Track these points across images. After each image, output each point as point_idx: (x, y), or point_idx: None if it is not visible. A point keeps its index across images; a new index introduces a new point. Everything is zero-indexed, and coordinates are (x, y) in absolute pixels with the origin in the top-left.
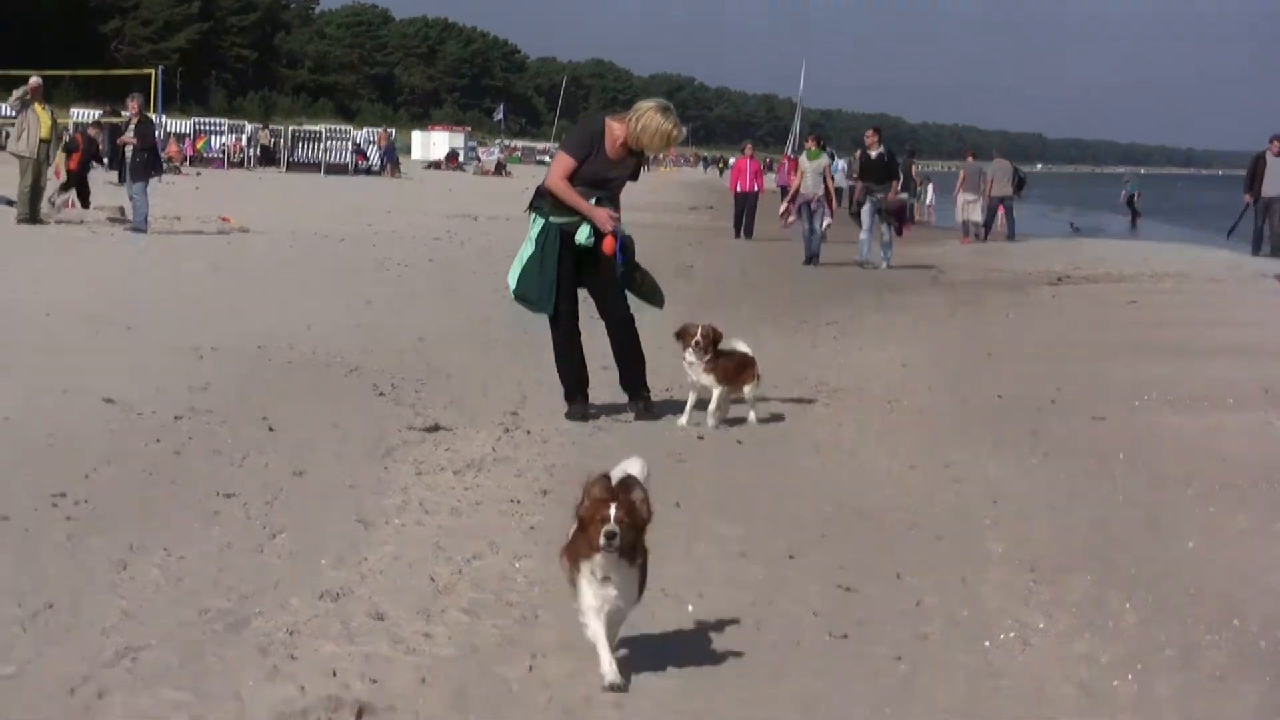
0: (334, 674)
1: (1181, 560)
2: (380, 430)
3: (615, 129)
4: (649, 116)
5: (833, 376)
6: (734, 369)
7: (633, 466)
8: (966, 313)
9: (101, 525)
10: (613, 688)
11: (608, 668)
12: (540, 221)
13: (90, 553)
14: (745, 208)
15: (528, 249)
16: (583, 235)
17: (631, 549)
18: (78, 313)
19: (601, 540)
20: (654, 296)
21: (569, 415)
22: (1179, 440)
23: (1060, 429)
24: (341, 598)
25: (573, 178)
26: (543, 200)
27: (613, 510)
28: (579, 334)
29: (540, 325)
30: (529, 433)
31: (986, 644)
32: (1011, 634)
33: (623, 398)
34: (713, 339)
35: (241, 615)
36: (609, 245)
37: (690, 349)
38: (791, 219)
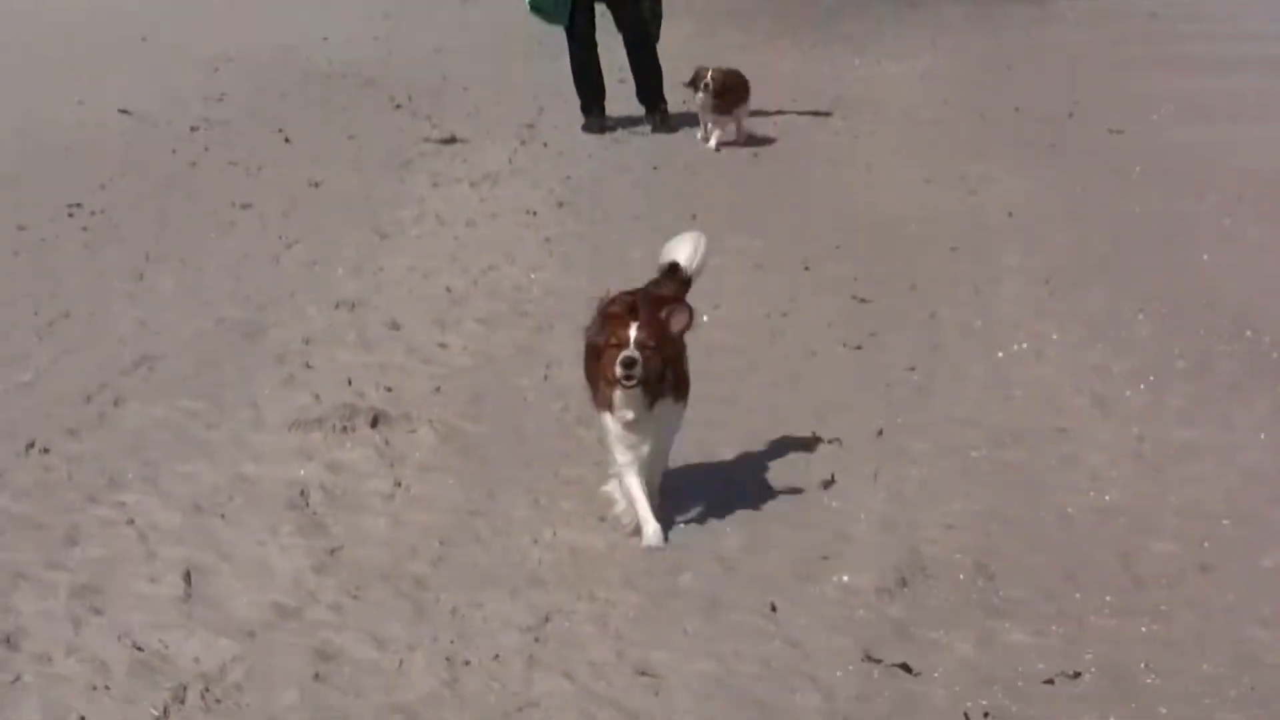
0: (349, 382)
1: (1196, 272)
2: (397, 142)
3: None
4: None
5: (849, 91)
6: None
7: (682, 248)
8: (985, 25)
9: (117, 235)
10: (650, 549)
11: (647, 528)
12: None
13: (106, 263)
14: None
15: None
16: None
17: (661, 380)
18: (93, 24)
19: (618, 370)
20: (652, 25)
21: (585, 128)
22: (1196, 153)
23: (1078, 141)
24: (358, 307)
25: None
26: None
27: (632, 331)
28: (596, 46)
29: (558, 38)
30: (545, 145)
31: (1000, 355)
32: (1025, 345)
33: (640, 110)
34: (724, 84)
35: (258, 324)
36: None
37: (701, 92)
38: None
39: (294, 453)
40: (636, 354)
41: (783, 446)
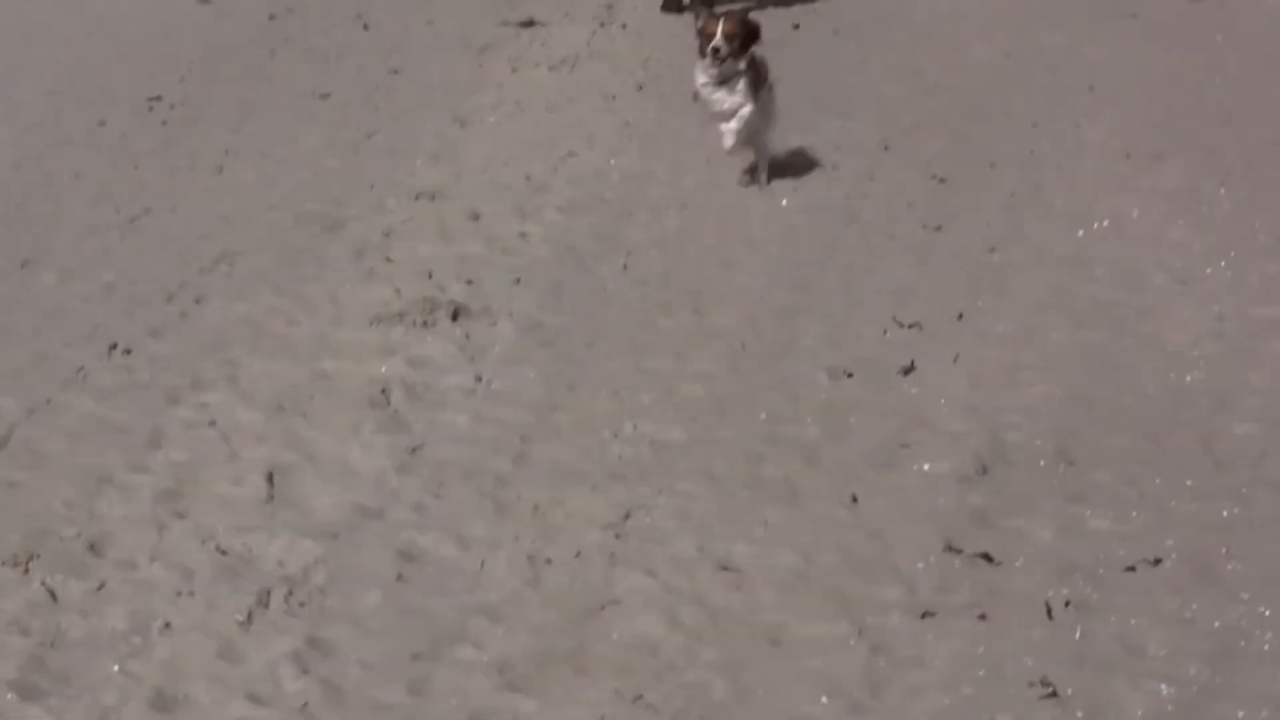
0: (430, 275)
1: (1277, 146)
2: (475, 26)
3: None
4: None
5: None
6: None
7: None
8: None
9: (197, 129)
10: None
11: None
12: None
13: (186, 156)
14: None
15: None
16: None
17: (740, 55)
18: None
19: (709, 55)
20: None
21: (664, 7)
22: (1278, 24)
23: (1159, 10)
24: (438, 198)
25: None
26: None
27: (720, 26)
28: None
29: None
30: (624, 26)
31: (1080, 233)
32: (1106, 222)
33: None
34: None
35: (337, 218)
36: None
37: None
38: None
39: (375, 348)
40: (723, 41)
41: (862, 332)
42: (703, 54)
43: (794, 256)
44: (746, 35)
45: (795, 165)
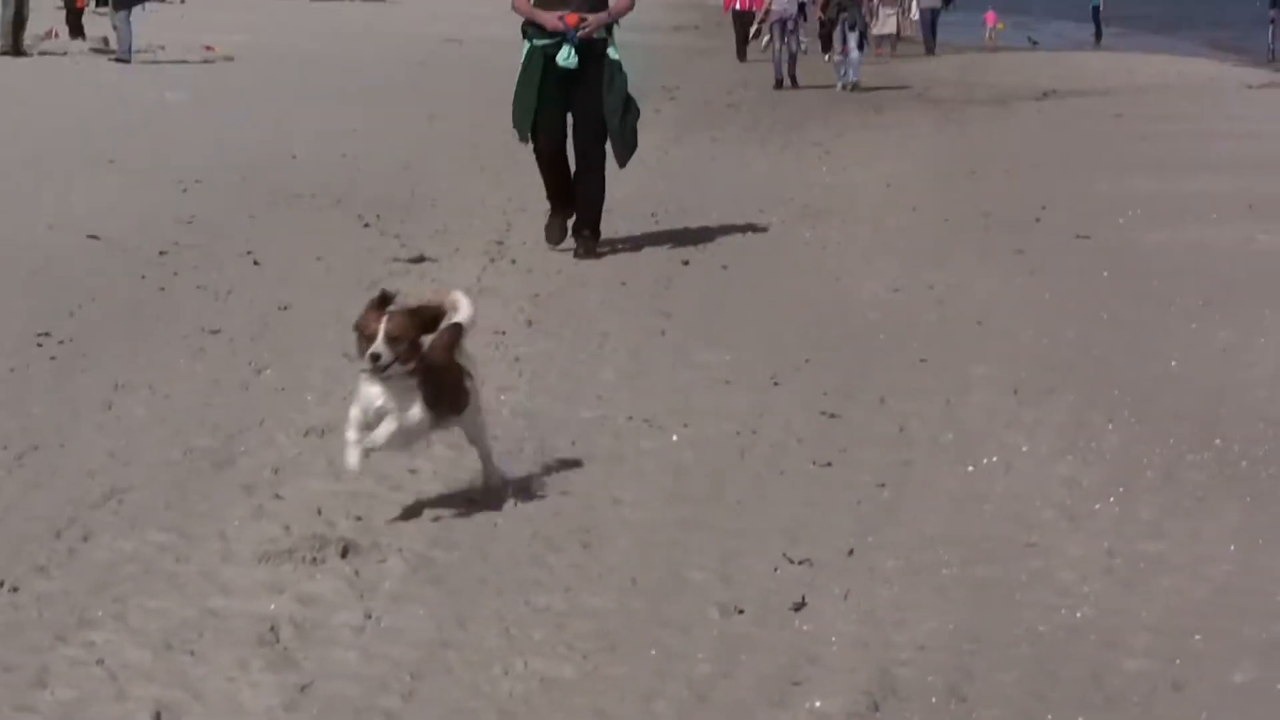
0: (319, 512)
1: (1164, 379)
2: (366, 262)
3: None
4: None
5: (818, 197)
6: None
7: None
8: (952, 130)
9: (87, 364)
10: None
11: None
12: (525, 46)
13: (76, 392)
14: (747, 29)
15: (519, 73)
16: (563, 57)
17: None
18: (60, 147)
19: (366, 360)
20: (621, 150)
21: (548, 231)
22: (1163, 256)
23: (1045, 247)
24: (327, 434)
25: None
26: (530, 26)
27: (384, 324)
28: (565, 156)
29: (524, 152)
30: (514, 262)
31: (970, 468)
32: (995, 458)
33: (614, 224)
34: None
35: (227, 454)
36: (571, 19)
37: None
38: (766, 39)
39: (264, 586)
40: (383, 348)
41: (753, 567)
42: (361, 355)
43: (683, 492)
44: (416, 340)
45: (685, 400)
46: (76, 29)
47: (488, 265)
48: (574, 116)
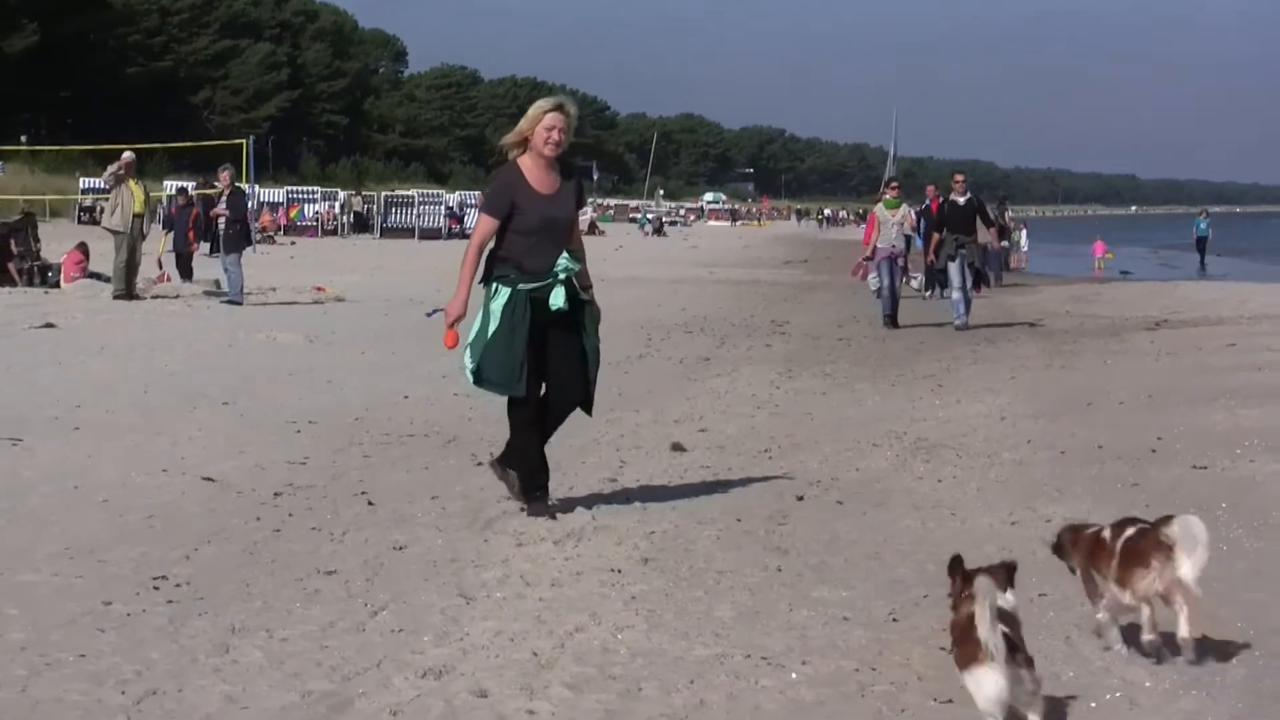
0: None
1: None
2: (480, 500)
3: (526, 160)
4: (529, 111)
5: (931, 431)
6: None
7: (1195, 530)
8: (1064, 361)
9: (203, 607)
10: None
11: None
12: (505, 291)
13: (192, 636)
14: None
15: (491, 323)
16: (559, 299)
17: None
18: (174, 389)
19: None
20: (590, 404)
21: (532, 512)
22: None
23: (1161, 479)
24: (444, 675)
25: (508, 236)
26: (508, 267)
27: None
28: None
29: (634, 387)
30: (628, 499)
31: (1092, 704)
32: (1118, 694)
33: (727, 460)
34: None
35: (345, 697)
36: (449, 339)
37: None
38: (870, 276)
39: None
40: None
41: None
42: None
43: None
44: None
45: (802, 637)
46: (187, 272)
47: (601, 502)
48: (554, 365)
